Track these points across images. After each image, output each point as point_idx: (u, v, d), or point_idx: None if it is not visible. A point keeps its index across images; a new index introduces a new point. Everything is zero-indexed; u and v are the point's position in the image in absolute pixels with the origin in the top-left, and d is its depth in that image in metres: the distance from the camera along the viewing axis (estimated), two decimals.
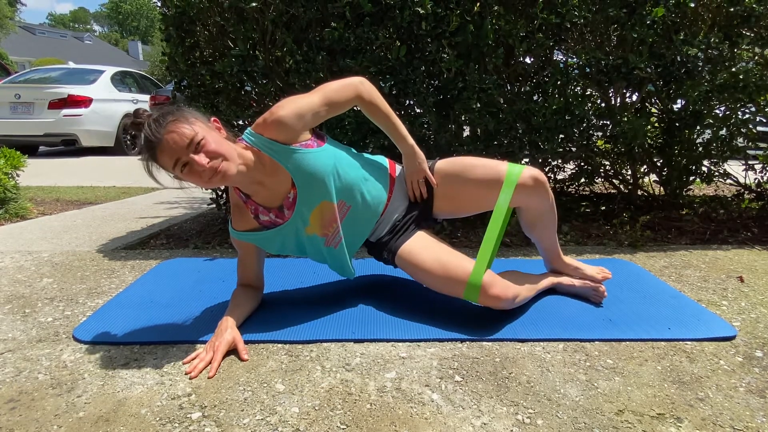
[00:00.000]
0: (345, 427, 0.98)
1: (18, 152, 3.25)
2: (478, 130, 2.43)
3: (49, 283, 1.81)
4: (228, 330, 1.27)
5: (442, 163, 1.50)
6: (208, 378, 1.14)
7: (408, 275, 1.51)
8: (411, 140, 1.45)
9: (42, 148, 7.88)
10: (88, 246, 2.32)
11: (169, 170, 1.21)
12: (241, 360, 1.22)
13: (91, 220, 2.95)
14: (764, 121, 2.62)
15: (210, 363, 1.19)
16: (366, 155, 1.52)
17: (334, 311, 1.50)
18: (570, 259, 1.63)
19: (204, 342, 1.31)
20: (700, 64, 2.28)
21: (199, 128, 1.19)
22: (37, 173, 5.13)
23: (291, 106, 1.28)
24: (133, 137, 7.68)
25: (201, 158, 1.17)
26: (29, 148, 7.18)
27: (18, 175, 3.22)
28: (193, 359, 1.22)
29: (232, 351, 1.26)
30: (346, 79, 1.36)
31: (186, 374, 1.16)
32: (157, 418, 1.00)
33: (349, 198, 1.41)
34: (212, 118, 1.29)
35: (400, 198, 1.52)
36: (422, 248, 1.44)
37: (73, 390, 1.11)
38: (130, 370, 1.19)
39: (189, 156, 1.17)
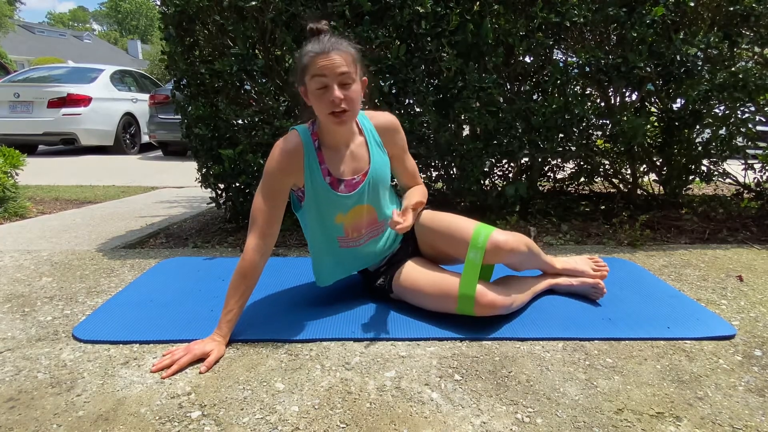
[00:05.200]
0: (344, 425, 0.98)
1: (17, 151, 3.25)
2: (478, 129, 2.43)
3: (49, 282, 1.81)
4: (217, 344, 1.25)
5: (428, 215, 1.55)
6: (162, 378, 1.14)
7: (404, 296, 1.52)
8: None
9: (41, 147, 7.87)
10: (87, 245, 2.32)
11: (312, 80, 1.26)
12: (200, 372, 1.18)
13: (90, 219, 2.94)
14: (764, 120, 2.62)
15: (174, 363, 1.18)
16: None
17: (333, 310, 1.50)
18: (564, 262, 1.62)
19: None
20: (700, 63, 2.28)
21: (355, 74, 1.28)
22: (37, 172, 5.12)
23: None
24: (132, 136, 7.72)
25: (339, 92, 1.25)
26: (28, 147, 7.18)
27: (17, 174, 3.22)
28: (165, 355, 1.23)
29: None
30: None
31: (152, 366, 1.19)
32: (157, 417, 1.00)
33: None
34: (363, 78, 1.34)
35: (402, 242, 1.61)
36: (416, 270, 1.48)
37: (72, 389, 1.11)
38: (130, 369, 1.19)
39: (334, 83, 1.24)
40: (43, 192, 3.97)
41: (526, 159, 2.65)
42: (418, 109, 2.36)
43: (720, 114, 2.49)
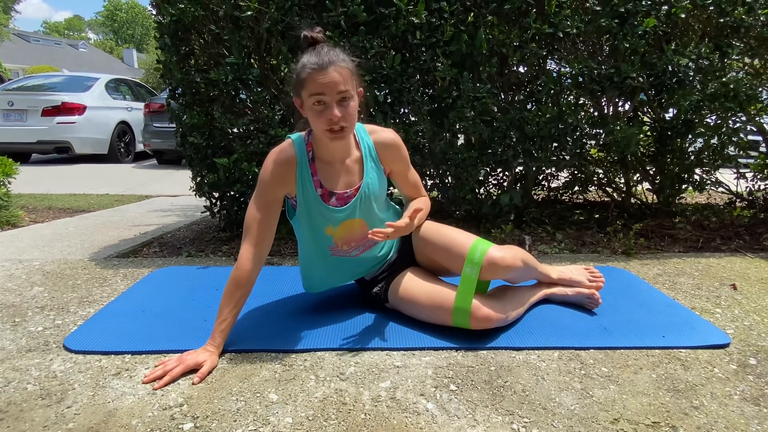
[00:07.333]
0: None
1: (10, 159, 3.23)
2: (473, 139, 2.44)
3: (40, 291, 1.79)
4: (210, 354, 1.23)
5: (426, 226, 1.54)
6: (154, 389, 1.13)
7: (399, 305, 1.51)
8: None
9: (34, 156, 7.84)
10: (80, 254, 2.30)
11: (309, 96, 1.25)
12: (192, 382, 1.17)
13: (83, 228, 2.92)
14: (754, 129, 2.64)
15: (166, 374, 1.17)
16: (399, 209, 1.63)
17: (328, 320, 1.49)
18: (560, 272, 1.62)
19: None
20: (691, 73, 2.31)
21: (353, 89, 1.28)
22: (29, 180, 5.09)
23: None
24: (127, 144, 7.69)
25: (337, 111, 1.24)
26: (21, 155, 7.15)
27: (10, 183, 3.20)
28: (157, 366, 1.21)
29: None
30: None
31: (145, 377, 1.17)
32: (148, 429, 0.99)
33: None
34: (359, 89, 1.33)
35: (399, 252, 1.60)
36: (413, 281, 1.48)
37: (62, 401, 1.09)
38: (121, 380, 1.18)
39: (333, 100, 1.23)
40: (35, 200, 3.95)
41: (521, 168, 2.67)
42: (413, 119, 2.37)
43: (712, 123, 2.52)
